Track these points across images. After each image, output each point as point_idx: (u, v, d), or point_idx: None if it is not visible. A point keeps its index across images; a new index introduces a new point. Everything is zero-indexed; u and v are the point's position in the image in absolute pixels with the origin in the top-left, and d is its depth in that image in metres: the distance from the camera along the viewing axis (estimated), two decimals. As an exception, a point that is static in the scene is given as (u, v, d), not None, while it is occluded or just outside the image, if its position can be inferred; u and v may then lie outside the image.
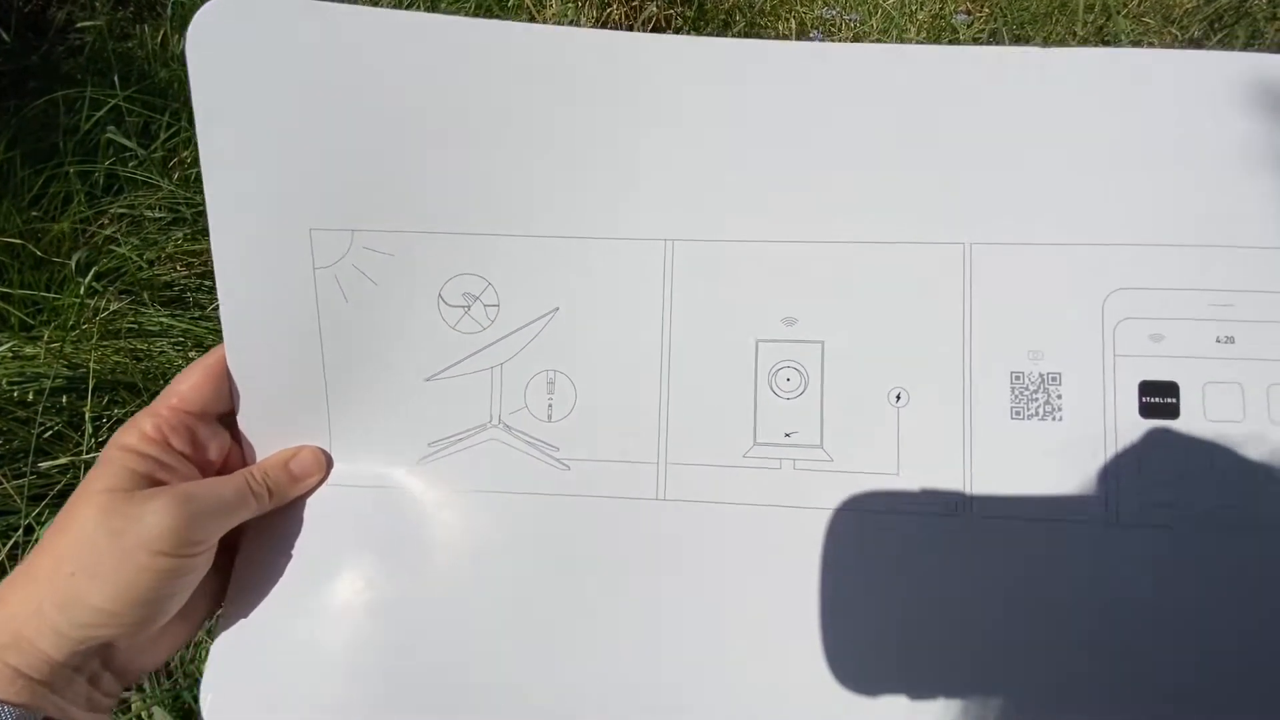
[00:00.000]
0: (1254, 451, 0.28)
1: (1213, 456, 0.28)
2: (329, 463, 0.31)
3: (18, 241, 0.90)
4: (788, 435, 0.30)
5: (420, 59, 0.29)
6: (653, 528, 0.30)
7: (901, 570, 0.29)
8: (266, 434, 0.31)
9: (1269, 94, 0.29)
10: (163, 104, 1.01)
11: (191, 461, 0.29)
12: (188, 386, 0.29)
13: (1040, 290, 0.29)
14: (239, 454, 0.31)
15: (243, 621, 0.29)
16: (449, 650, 0.30)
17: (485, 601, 0.30)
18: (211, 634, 0.31)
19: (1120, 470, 0.28)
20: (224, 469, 0.30)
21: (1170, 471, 0.28)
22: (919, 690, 0.28)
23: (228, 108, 0.29)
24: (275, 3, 0.28)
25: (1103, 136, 0.29)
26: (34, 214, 0.94)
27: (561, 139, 0.30)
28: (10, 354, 0.81)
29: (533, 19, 1.16)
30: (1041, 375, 0.29)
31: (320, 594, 0.30)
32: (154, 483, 0.27)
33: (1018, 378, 0.29)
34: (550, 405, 0.31)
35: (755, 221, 0.30)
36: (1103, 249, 0.29)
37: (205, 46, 0.28)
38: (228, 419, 0.31)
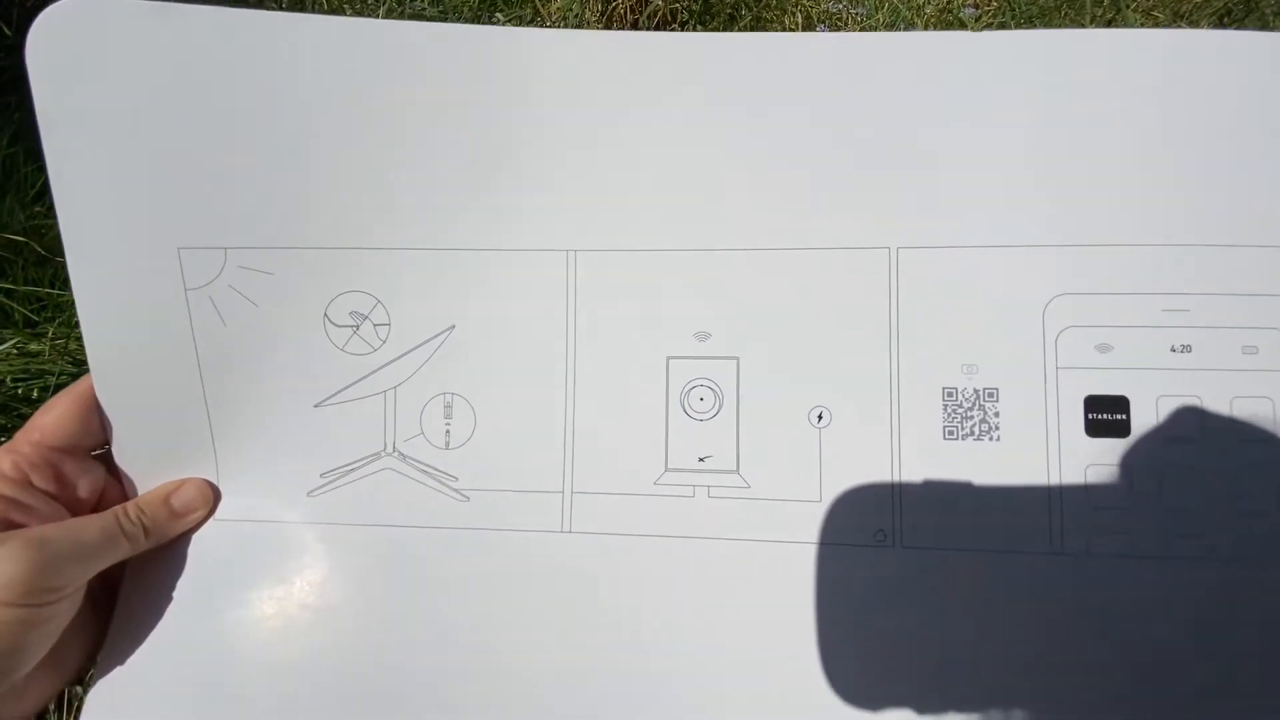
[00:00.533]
0: (1214, 473, 0.25)
1: (1167, 479, 0.25)
2: (216, 496, 0.29)
3: (21, 239, 0.89)
4: (702, 460, 0.28)
5: (291, 62, 0.27)
6: (558, 562, 0.27)
7: (826, 606, 0.26)
8: (146, 467, 0.29)
9: (1224, 75, 0.26)
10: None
11: (59, 500, 0.27)
12: (51, 420, 0.27)
13: (974, 298, 0.26)
14: (118, 490, 0.29)
15: (120, 669, 0.27)
16: (344, 696, 0.28)
17: (381, 642, 0.28)
18: (86, 683, 0.29)
19: (1064, 496, 0.26)
20: (100, 506, 0.28)
21: (1120, 496, 0.25)
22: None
23: (76, 118, 0.26)
24: (127, 4, 0.26)
25: (1038, 126, 0.26)
26: (37, 209, 0.94)
27: (452, 144, 0.28)
28: (14, 350, 0.80)
29: (537, 13, 1.13)
30: (977, 391, 0.26)
31: (205, 638, 0.28)
32: (9, 525, 0.25)
33: (950, 394, 0.26)
34: (448, 431, 0.29)
35: (663, 229, 0.28)
36: (1042, 251, 0.26)
37: (49, 50, 0.26)
38: (104, 453, 0.29)
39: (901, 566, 0.26)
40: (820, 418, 0.27)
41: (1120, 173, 0.26)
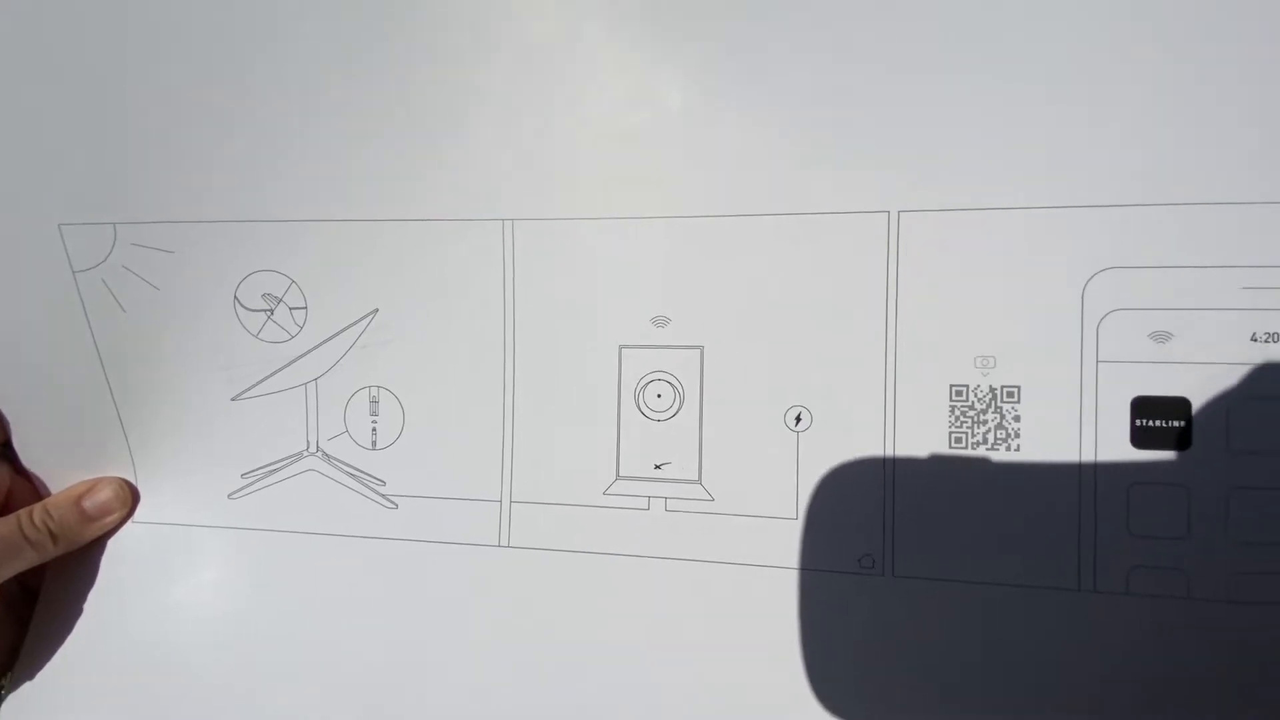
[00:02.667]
0: (1300, 496, 0.20)
1: (1236, 504, 0.20)
2: (134, 496, 0.27)
3: None
4: (658, 467, 0.24)
5: (182, 11, 0.23)
6: (494, 581, 0.24)
7: (800, 643, 0.22)
8: (55, 465, 0.26)
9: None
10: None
11: (-41, 503, 0.25)
12: (-56, 417, 0.25)
13: (993, 273, 0.21)
14: (30, 490, 0.27)
15: (30, 683, 0.26)
16: (262, 708, 0.25)
17: (302, 658, 0.25)
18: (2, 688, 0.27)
19: (1100, 521, 0.21)
20: (11, 506, 0.26)
21: (1173, 524, 0.20)
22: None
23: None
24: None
25: (1074, 52, 0.20)
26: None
27: (366, 99, 0.23)
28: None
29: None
30: (993, 390, 0.21)
31: (122, 645, 0.26)
32: (-100, 533, 0.24)
33: (959, 393, 0.22)
34: (374, 429, 0.25)
35: (614, 193, 0.23)
36: (1082, 212, 0.20)
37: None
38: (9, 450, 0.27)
39: (891, 599, 0.22)
40: (798, 420, 0.23)
41: (1180, 111, 0.20)
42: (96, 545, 0.26)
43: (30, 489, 0.27)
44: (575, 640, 0.23)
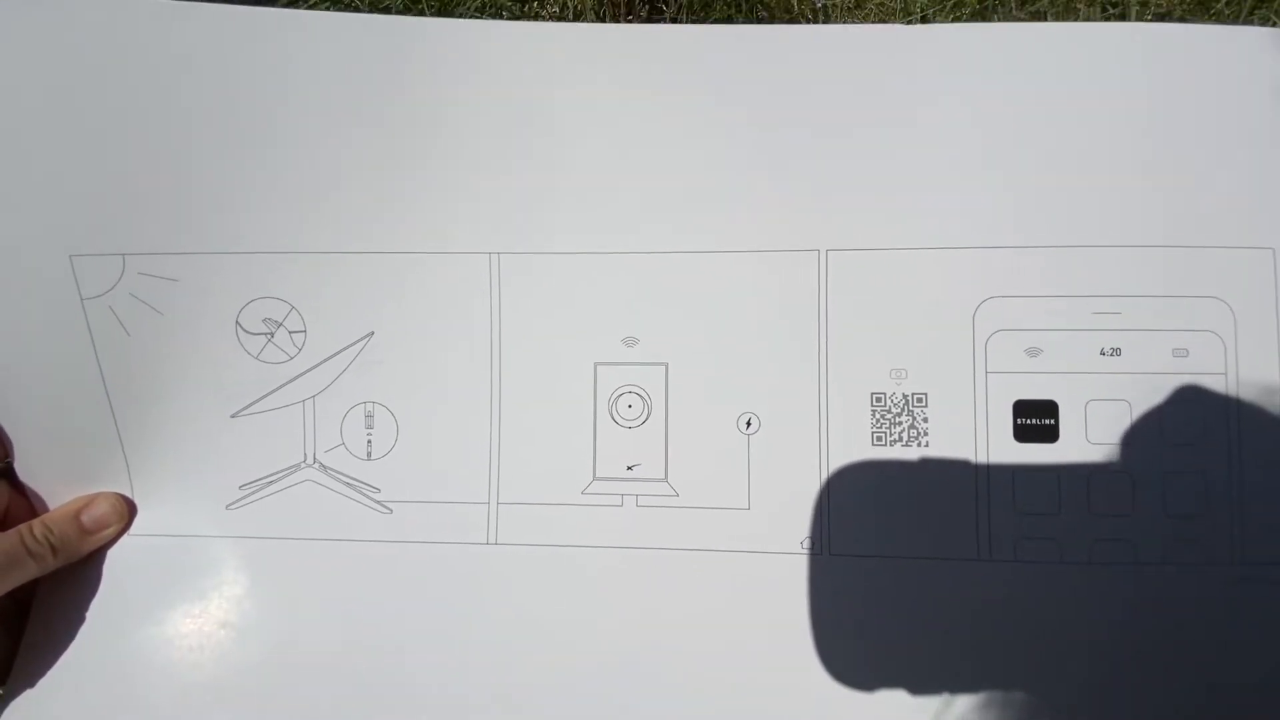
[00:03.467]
0: (1141, 477, 0.25)
1: (1094, 484, 0.25)
2: (131, 511, 0.28)
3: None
4: (630, 468, 0.27)
5: (186, 54, 0.25)
6: (484, 575, 0.27)
7: (755, 615, 0.26)
8: (54, 483, 0.27)
9: (1156, 72, 0.25)
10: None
11: (-41, 520, 0.26)
12: (-54, 437, 0.26)
13: (904, 301, 0.26)
14: (25, 506, 0.28)
15: (29, 693, 0.27)
16: (262, 717, 0.27)
17: (301, 662, 0.27)
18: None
19: (992, 502, 0.25)
20: (7, 523, 0.27)
21: (1047, 502, 0.25)
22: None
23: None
24: (4, -6, 0.25)
25: (969, 127, 0.25)
26: None
27: (365, 141, 0.26)
28: None
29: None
30: (905, 396, 0.26)
31: (119, 659, 0.27)
32: (-97, 549, 0.24)
33: (879, 400, 0.26)
34: (370, 441, 0.28)
35: (589, 232, 0.27)
36: (973, 253, 0.25)
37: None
38: (7, 468, 0.28)
39: (830, 575, 0.26)
40: (749, 424, 0.26)
41: (1050, 173, 0.25)
42: (93, 557, 0.28)
43: (26, 505, 0.28)
44: (559, 625, 0.26)
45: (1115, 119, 0.25)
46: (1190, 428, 0.25)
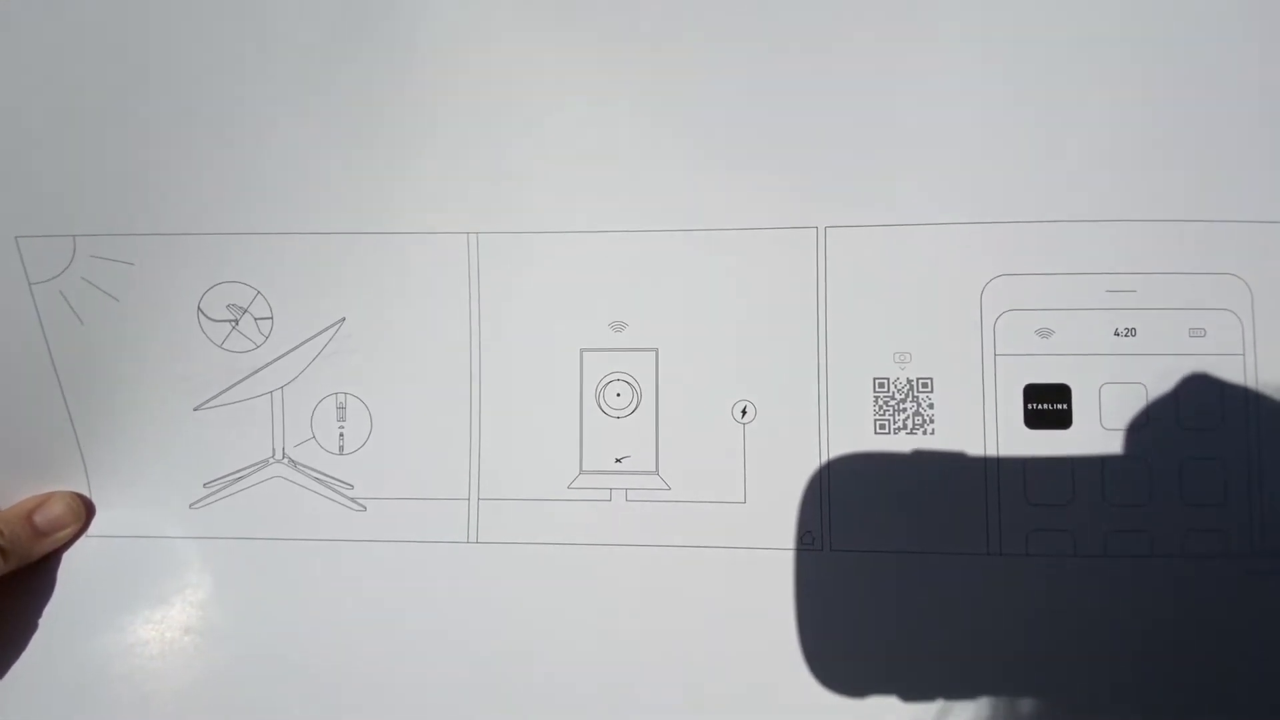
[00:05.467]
0: (1159, 465, 0.24)
1: (1110, 473, 0.24)
2: (88, 511, 0.27)
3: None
4: (619, 460, 0.26)
5: (141, 23, 0.24)
6: (464, 576, 0.25)
7: (752, 614, 0.25)
8: (5, 481, 0.26)
9: (1171, 37, 0.24)
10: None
11: (-100, 522, 0.24)
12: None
13: (907, 280, 0.24)
14: (-26, 506, 0.26)
15: (-21, 705, 0.25)
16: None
17: (270, 669, 0.25)
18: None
19: (1002, 493, 0.24)
20: (-45, 524, 0.26)
21: (1060, 492, 0.24)
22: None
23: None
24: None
25: (973, 97, 0.24)
26: None
27: (333, 114, 0.25)
28: None
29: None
30: (910, 381, 0.25)
31: (76, 668, 0.25)
32: None
33: (882, 385, 0.25)
34: (342, 435, 0.26)
35: (573, 209, 0.25)
36: (980, 228, 0.24)
37: None
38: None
39: (831, 571, 0.24)
40: (744, 413, 0.25)
41: (1061, 144, 0.24)
42: (48, 561, 0.26)
43: (-25, 506, 0.26)
44: (544, 627, 0.25)
45: (1130, 88, 0.24)
46: (1208, 412, 0.24)
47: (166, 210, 0.25)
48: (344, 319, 0.26)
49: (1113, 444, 0.24)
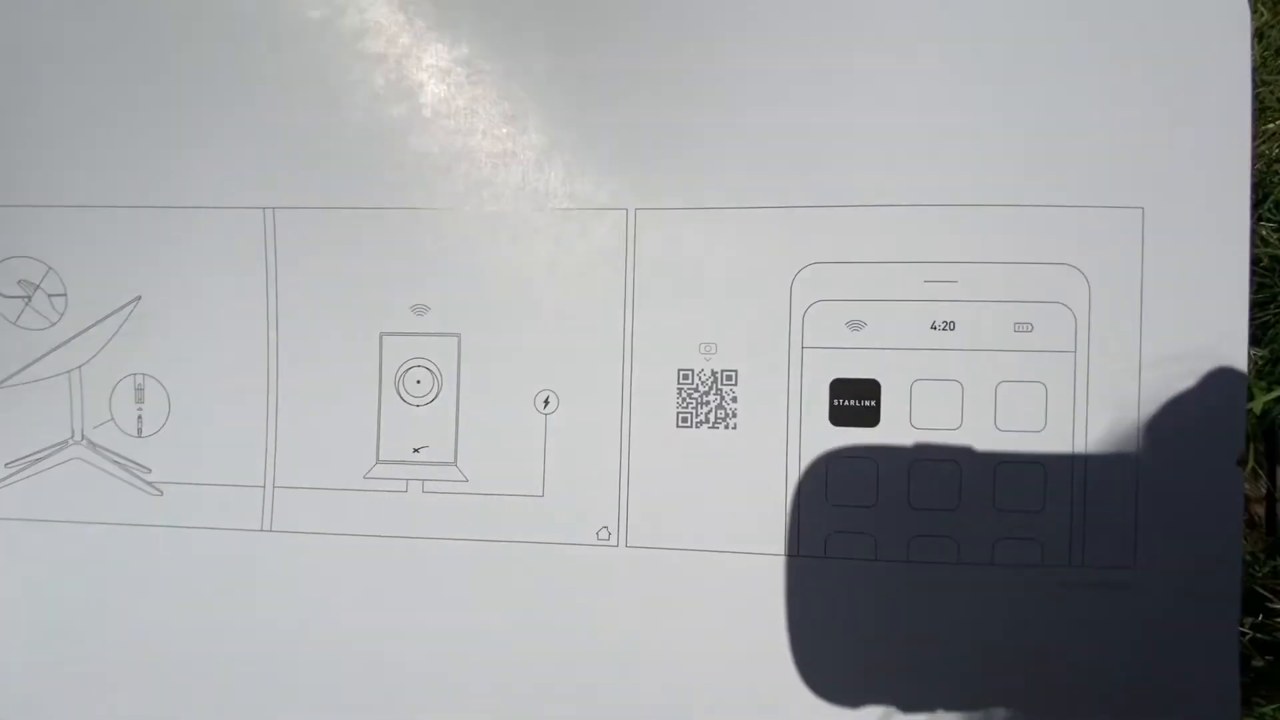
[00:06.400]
0: (971, 468, 0.22)
1: (917, 475, 0.23)
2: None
3: None
4: (417, 451, 0.25)
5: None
6: (256, 564, 0.25)
7: (548, 612, 0.24)
8: None
9: (999, 18, 0.22)
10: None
11: None
12: None
13: (716, 267, 0.23)
14: None
15: None
16: (25, 708, 0.25)
17: (65, 653, 0.25)
18: None
19: (803, 492, 0.23)
20: None
21: (864, 494, 0.23)
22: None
23: None
24: None
25: (787, 75, 0.22)
26: None
27: (129, 85, 0.24)
28: None
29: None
30: (714, 373, 0.23)
31: None
32: None
33: (686, 377, 0.23)
34: (140, 417, 0.25)
35: (375, 184, 0.24)
36: (792, 213, 0.23)
37: None
38: None
39: (627, 568, 0.23)
40: (547, 403, 0.24)
41: (880, 125, 0.22)
42: None
43: None
44: (335, 620, 0.24)
45: (960, 59, 0.22)
46: (1029, 413, 0.22)
47: (-53, 180, 0.24)
48: (140, 296, 0.25)
49: (923, 444, 0.22)
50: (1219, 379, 0.21)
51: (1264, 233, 0.42)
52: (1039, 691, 0.22)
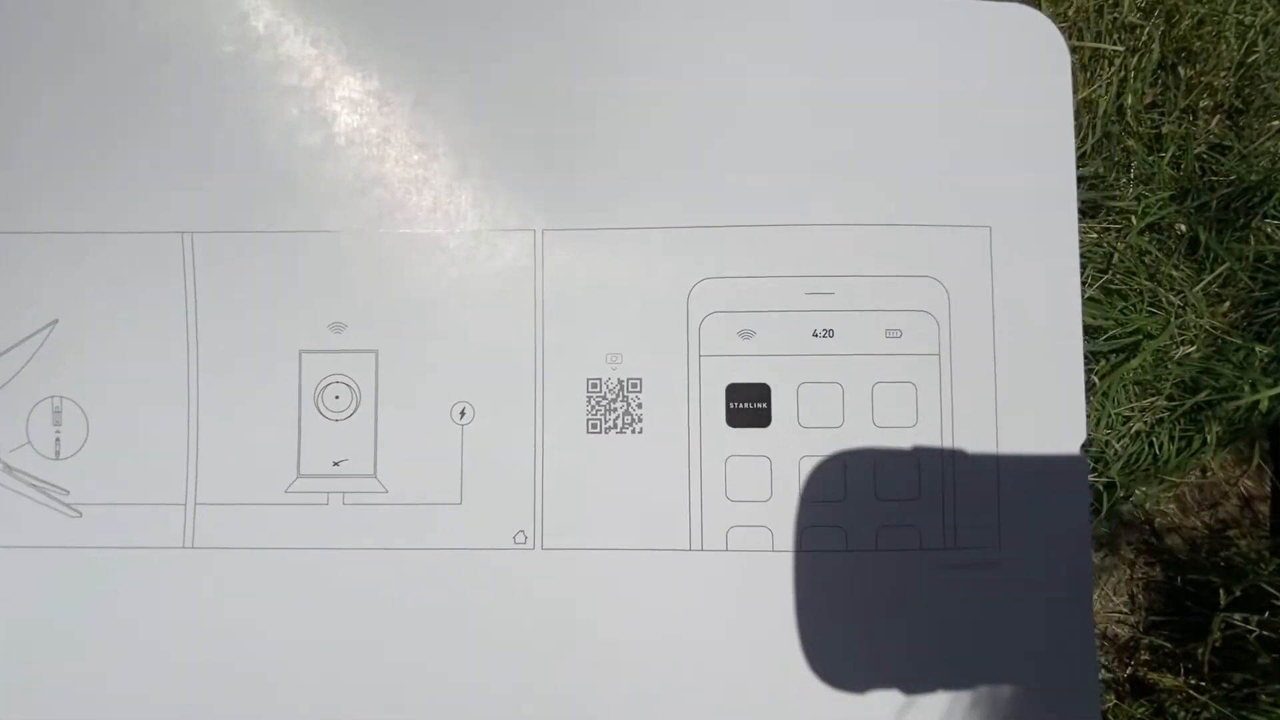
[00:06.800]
0: (854, 462, 0.25)
1: (806, 470, 0.25)
2: None
3: None
4: (337, 464, 0.25)
5: None
6: (180, 581, 0.25)
7: (468, 614, 0.25)
8: None
9: (879, 44, 0.25)
10: None
11: None
12: None
13: (619, 283, 0.25)
14: None
15: None
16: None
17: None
18: None
19: (705, 490, 0.25)
20: None
21: (759, 489, 0.25)
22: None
23: None
24: None
25: (678, 105, 0.24)
26: None
27: (42, 109, 0.24)
28: None
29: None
30: (620, 382, 0.25)
31: None
32: None
33: (595, 385, 0.25)
34: (58, 439, 0.26)
35: (289, 208, 0.25)
36: (686, 233, 0.25)
37: None
38: None
39: (542, 569, 0.25)
40: (463, 414, 0.25)
41: (762, 151, 0.24)
42: None
43: None
44: (261, 632, 0.25)
45: (829, 96, 0.25)
46: (903, 411, 0.25)
47: None
48: (56, 320, 0.25)
49: (810, 442, 0.24)
50: (1061, 373, 0.24)
51: (1269, 230, 0.42)
52: (917, 665, 0.24)
